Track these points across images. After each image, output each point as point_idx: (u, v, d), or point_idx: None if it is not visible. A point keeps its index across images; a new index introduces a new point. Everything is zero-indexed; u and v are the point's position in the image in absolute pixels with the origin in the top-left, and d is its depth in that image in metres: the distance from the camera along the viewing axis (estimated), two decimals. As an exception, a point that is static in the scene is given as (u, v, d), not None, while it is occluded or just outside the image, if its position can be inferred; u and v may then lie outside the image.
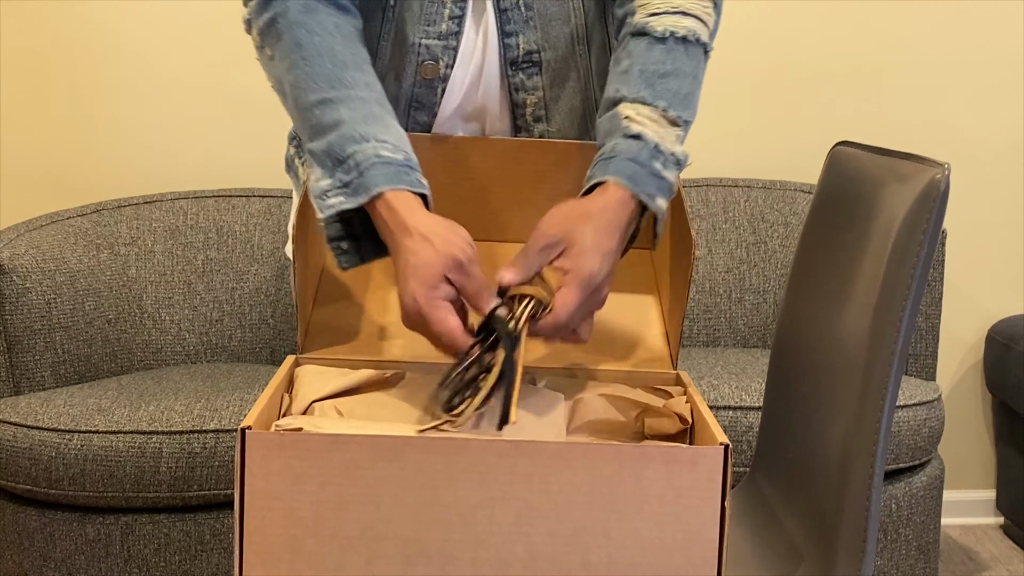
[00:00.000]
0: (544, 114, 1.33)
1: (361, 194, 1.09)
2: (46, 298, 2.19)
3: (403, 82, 1.30)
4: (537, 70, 1.31)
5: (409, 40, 1.28)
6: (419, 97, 1.30)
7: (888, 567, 2.18)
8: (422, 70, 1.29)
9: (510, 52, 1.30)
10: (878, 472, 1.09)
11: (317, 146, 1.13)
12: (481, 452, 0.89)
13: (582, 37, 1.33)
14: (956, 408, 2.75)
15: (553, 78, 1.32)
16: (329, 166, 1.12)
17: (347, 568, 0.91)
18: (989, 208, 2.69)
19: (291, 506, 0.90)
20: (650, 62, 1.20)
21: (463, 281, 1.06)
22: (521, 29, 1.29)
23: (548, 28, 1.30)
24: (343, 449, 0.90)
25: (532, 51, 1.30)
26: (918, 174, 1.07)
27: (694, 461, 0.90)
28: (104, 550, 2.01)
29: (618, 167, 1.15)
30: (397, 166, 1.10)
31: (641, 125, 1.17)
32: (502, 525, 0.90)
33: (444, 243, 1.06)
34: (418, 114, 1.31)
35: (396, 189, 1.09)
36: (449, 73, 1.29)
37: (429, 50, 1.28)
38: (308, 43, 1.16)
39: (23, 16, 2.52)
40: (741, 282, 2.50)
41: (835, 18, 2.63)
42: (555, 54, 1.31)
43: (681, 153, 1.19)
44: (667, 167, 1.17)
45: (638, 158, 1.16)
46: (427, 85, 1.29)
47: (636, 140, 1.17)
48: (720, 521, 0.91)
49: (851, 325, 1.15)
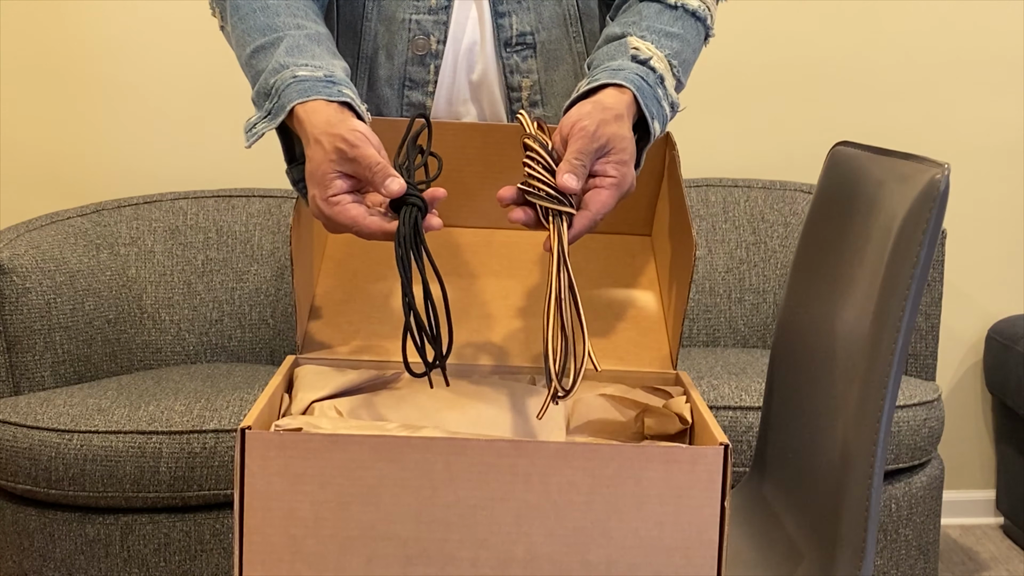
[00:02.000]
0: (540, 99, 1.34)
1: (279, 115, 1.10)
2: (46, 298, 2.19)
3: (395, 59, 1.31)
4: (531, 52, 1.32)
5: (399, 17, 1.30)
6: (412, 75, 1.31)
7: (888, 567, 2.18)
8: (413, 46, 1.30)
9: (503, 32, 1.30)
10: (878, 472, 1.09)
11: (254, 93, 1.15)
12: (481, 452, 0.89)
13: (575, 18, 1.34)
14: (956, 408, 2.75)
15: (547, 60, 1.33)
16: (260, 104, 1.13)
17: (347, 568, 0.91)
18: (989, 208, 2.69)
19: (291, 506, 0.90)
20: (660, 22, 1.21)
21: (353, 168, 1.05)
22: (514, 9, 1.30)
23: (541, 9, 1.31)
24: (343, 449, 0.90)
25: (525, 32, 1.31)
26: (918, 174, 1.07)
27: (694, 461, 0.90)
28: (104, 550, 2.01)
29: (629, 77, 1.15)
30: (313, 81, 1.10)
31: (650, 57, 1.18)
32: (502, 525, 0.90)
33: (329, 139, 1.05)
34: (412, 93, 1.32)
35: (306, 100, 1.08)
36: (441, 49, 1.30)
37: (420, 25, 1.29)
38: (244, 3, 1.19)
39: (23, 16, 2.52)
40: (741, 282, 2.50)
41: (835, 18, 2.63)
42: (548, 35, 1.32)
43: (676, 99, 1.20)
44: (665, 102, 1.18)
45: (647, 79, 1.17)
46: (419, 62, 1.30)
47: (644, 66, 1.18)
48: (720, 521, 0.91)
49: (851, 325, 1.15)
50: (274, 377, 1.07)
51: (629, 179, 1.10)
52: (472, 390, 1.09)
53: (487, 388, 1.10)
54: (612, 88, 1.13)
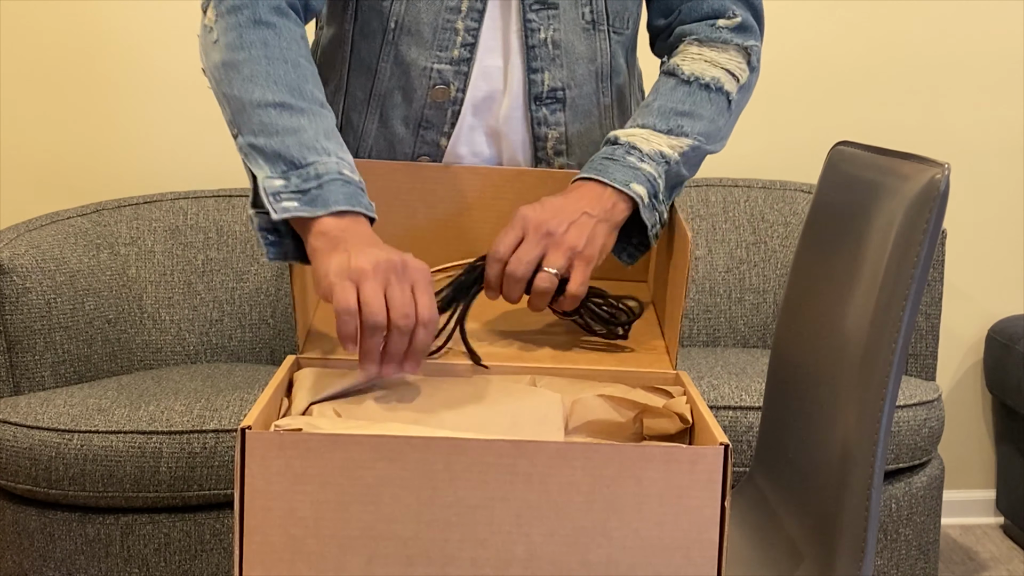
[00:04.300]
0: (565, 148, 1.35)
1: (319, 206, 1.09)
2: (46, 298, 2.19)
3: (413, 103, 1.31)
4: (560, 107, 1.33)
5: (420, 64, 1.29)
6: (429, 118, 1.32)
7: (888, 567, 2.18)
8: (432, 93, 1.30)
9: (535, 88, 1.31)
10: (878, 472, 1.09)
11: (266, 143, 1.12)
12: (481, 452, 0.89)
13: (606, 75, 1.35)
14: (956, 408, 2.75)
15: (575, 114, 1.34)
16: (282, 168, 1.11)
17: (347, 568, 0.91)
18: (989, 208, 2.69)
19: (291, 506, 0.90)
20: (672, 100, 1.26)
21: None
22: (547, 66, 1.31)
23: (574, 67, 1.32)
24: (343, 449, 0.90)
25: (556, 88, 1.32)
26: (918, 174, 1.07)
27: (694, 461, 0.90)
28: (104, 550, 2.01)
29: (589, 166, 1.22)
30: (355, 187, 1.11)
31: (625, 135, 1.22)
32: (502, 525, 0.90)
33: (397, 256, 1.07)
34: (427, 133, 1.32)
35: (354, 210, 1.10)
36: (460, 96, 1.30)
37: (441, 75, 1.30)
38: (275, 45, 1.16)
39: (23, 16, 2.52)
40: (741, 282, 2.50)
41: (835, 18, 2.63)
42: (579, 91, 1.33)
43: (670, 150, 1.22)
44: (645, 160, 1.21)
45: (611, 155, 1.22)
46: (437, 107, 1.31)
47: (612, 144, 1.24)
48: (720, 521, 0.91)
49: (851, 325, 1.15)
50: (274, 376, 1.07)
51: (522, 211, 1.17)
52: (471, 391, 1.09)
53: (487, 388, 1.10)
54: (577, 183, 1.22)
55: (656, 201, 1.22)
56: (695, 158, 1.26)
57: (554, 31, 1.30)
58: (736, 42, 1.30)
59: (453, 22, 1.28)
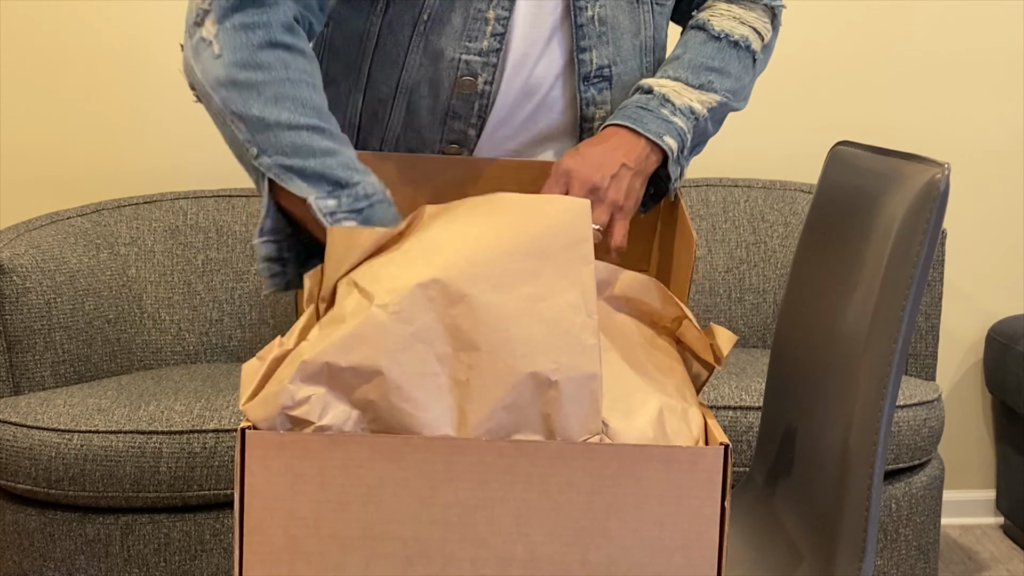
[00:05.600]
0: None
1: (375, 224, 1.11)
2: (46, 298, 2.19)
3: (440, 94, 1.30)
4: (607, 84, 1.33)
5: (447, 55, 1.28)
6: (456, 108, 1.31)
7: (888, 567, 2.18)
8: (459, 85, 1.29)
9: (583, 68, 1.31)
10: (878, 472, 1.09)
11: (304, 165, 1.11)
12: (481, 452, 0.90)
13: (648, 48, 1.36)
14: (956, 408, 2.75)
15: (620, 91, 1.34)
16: (327, 188, 1.11)
17: (347, 568, 0.91)
18: (989, 208, 2.69)
19: (291, 506, 0.90)
20: (702, 55, 1.30)
21: None
22: (595, 44, 1.31)
23: (620, 42, 1.32)
24: (343, 449, 0.90)
25: (604, 66, 1.32)
26: (918, 174, 1.07)
27: (694, 461, 0.90)
28: (104, 550, 2.01)
29: (623, 113, 1.24)
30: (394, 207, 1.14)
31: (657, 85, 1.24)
32: (502, 525, 0.90)
33: None
34: (455, 123, 1.31)
35: None
36: (488, 89, 1.29)
37: (468, 66, 1.28)
38: (296, 67, 1.15)
39: (23, 16, 2.52)
40: (741, 282, 2.50)
41: (835, 18, 2.63)
42: (624, 67, 1.33)
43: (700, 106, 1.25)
44: (677, 114, 1.24)
45: (646, 105, 1.25)
46: (464, 99, 1.29)
47: (645, 93, 1.26)
48: (720, 521, 0.91)
49: (851, 325, 1.15)
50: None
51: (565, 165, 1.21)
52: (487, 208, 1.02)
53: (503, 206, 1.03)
54: (609, 127, 1.25)
55: (682, 156, 1.25)
56: (721, 114, 1.30)
57: (600, 7, 1.29)
58: (764, 1, 1.35)
59: (484, 11, 1.27)
